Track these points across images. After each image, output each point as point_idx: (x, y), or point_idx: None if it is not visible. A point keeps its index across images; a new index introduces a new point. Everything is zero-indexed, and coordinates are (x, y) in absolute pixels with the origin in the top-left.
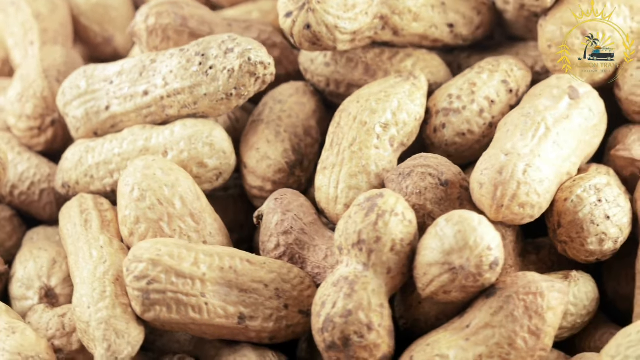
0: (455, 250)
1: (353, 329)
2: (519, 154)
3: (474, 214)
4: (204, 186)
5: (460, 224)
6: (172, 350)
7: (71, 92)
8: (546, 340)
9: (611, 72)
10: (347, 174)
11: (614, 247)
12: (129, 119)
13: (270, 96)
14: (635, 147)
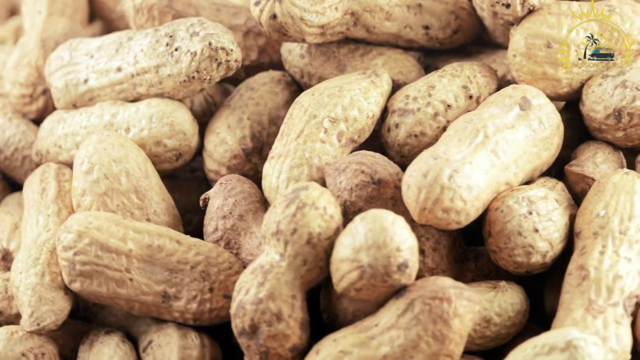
0: (364, 248)
1: (262, 318)
2: (447, 159)
3: (389, 213)
4: (163, 165)
5: (372, 223)
6: (109, 323)
7: (55, 63)
8: (451, 347)
9: (577, 87)
10: (289, 165)
11: (542, 261)
12: (105, 93)
13: (246, 83)
14: (588, 163)
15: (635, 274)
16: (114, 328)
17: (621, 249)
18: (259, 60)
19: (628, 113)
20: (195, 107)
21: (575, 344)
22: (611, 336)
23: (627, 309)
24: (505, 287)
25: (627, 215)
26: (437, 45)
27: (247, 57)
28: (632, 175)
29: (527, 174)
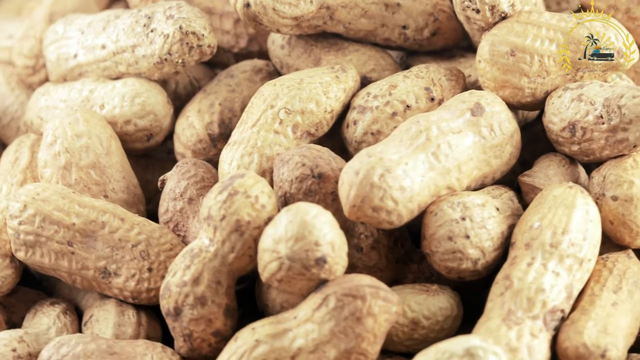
0: (283, 239)
1: (186, 301)
2: (381, 159)
3: (313, 207)
4: (135, 145)
5: (293, 215)
6: (63, 295)
7: (50, 36)
8: (364, 345)
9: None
10: (241, 153)
11: (473, 268)
12: (91, 70)
13: (228, 69)
14: (540, 175)
15: (562, 288)
16: (63, 300)
17: (550, 262)
18: (248, 49)
19: (581, 127)
20: (180, 89)
21: (472, 352)
22: (523, 348)
23: (547, 323)
24: (436, 290)
25: (562, 229)
26: (416, 47)
27: (237, 45)
28: (574, 190)
29: (474, 181)
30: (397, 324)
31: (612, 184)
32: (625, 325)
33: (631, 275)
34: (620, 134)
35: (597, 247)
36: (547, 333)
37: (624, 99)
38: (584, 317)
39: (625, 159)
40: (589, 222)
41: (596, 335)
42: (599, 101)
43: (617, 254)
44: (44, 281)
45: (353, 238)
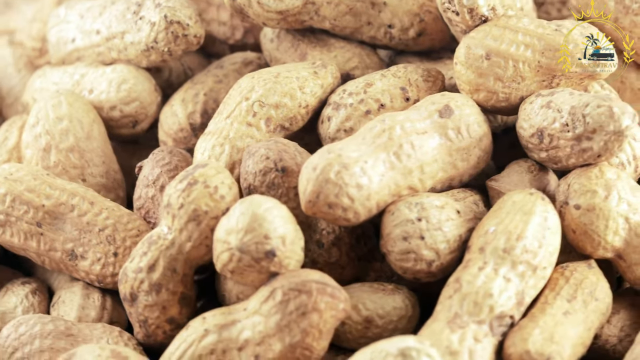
0: (234, 231)
1: (141, 287)
2: (340, 155)
3: (267, 200)
4: (121, 130)
5: (246, 207)
6: (38, 275)
7: (53, 19)
8: (308, 340)
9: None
10: (213, 143)
11: (428, 269)
12: (87, 54)
13: (219, 60)
14: (507, 180)
15: (512, 294)
16: (36, 280)
17: (502, 268)
18: (243, 41)
19: (548, 134)
20: (173, 78)
21: (406, 353)
22: (464, 352)
23: (494, 329)
24: (393, 290)
25: (517, 235)
26: (402, 47)
27: (232, 36)
28: (535, 197)
29: (439, 182)
30: (351, 322)
31: (576, 193)
32: (575, 334)
33: (588, 285)
34: (585, 143)
35: (554, 255)
36: (493, 338)
37: (588, 107)
38: (531, 324)
39: (591, 168)
40: (547, 229)
41: (541, 343)
42: (566, 109)
43: (578, 264)
44: (25, 261)
45: (315, 234)
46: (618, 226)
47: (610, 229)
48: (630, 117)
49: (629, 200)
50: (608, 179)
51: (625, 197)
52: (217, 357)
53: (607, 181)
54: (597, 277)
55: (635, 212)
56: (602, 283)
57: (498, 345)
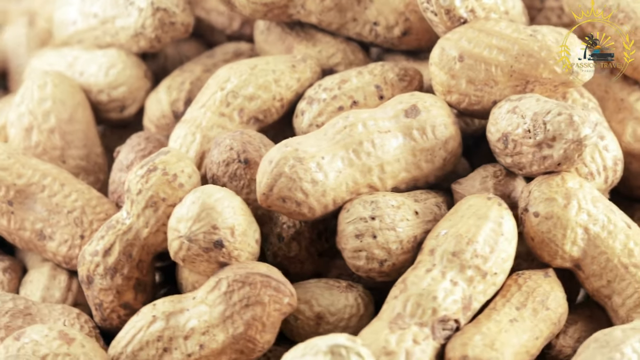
0: (184, 219)
1: (96, 270)
2: (297, 149)
3: (220, 190)
4: (110, 114)
5: (197, 196)
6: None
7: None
8: (251, 332)
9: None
10: (185, 132)
11: (379, 268)
12: (87, 37)
13: (212, 50)
14: (469, 184)
15: (458, 298)
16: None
17: (451, 271)
18: (240, 31)
19: (512, 139)
20: (168, 65)
21: (335, 350)
22: (401, 353)
23: (436, 332)
24: (347, 288)
25: (468, 239)
26: (388, 45)
27: (230, 27)
28: (492, 202)
29: (403, 182)
30: (303, 317)
31: (536, 200)
32: (519, 343)
33: (540, 294)
34: (546, 150)
35: (507, 262)
36: (434, 341)
37: (549, 115)
38: (473, 330)
39: (553, 176)
40: (500, 235)
41: (481, 349)
42: (529, 115)
43: (534, 272)
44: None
45: (276, 227)
46: (577, 236)
47: (568, 239)
48: (590, 127)
49: (590, 211)
50: (569, 188)
51: (586, 207)
52: (163, 345)
53: (567, 190)
54: (552, 287)
55: (596, 223)
56: (556, 293)
57: (441, 349)
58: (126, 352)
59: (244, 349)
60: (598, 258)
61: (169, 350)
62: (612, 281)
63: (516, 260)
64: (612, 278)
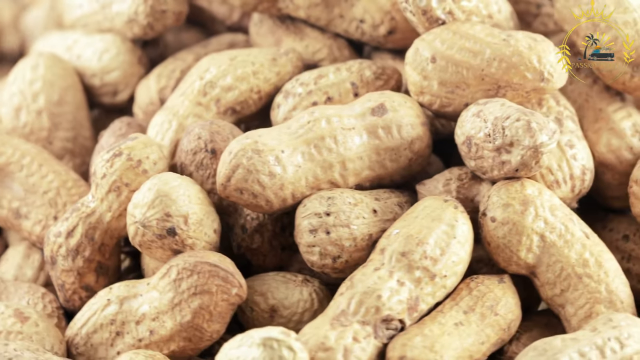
0: (140, 205)
1: (59, 251)
2: (257, 142)
3: (177, 178)
4: (102, 99)
5: (154, 183)
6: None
7: None
8: (197, 321)
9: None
10: (162, 119)
11: (332, 264)
12: (90, 21)
13: (208, 40)
14: (432, 185)
15: (403, 299)
16: None
17: (398, 271)
18: (240, 23)
19: (475, 143)
20: (167, 52)
21: (266, 343)
22: (339, 350)
23: (378, 331)
24: (302, 282)
25: (418, 240)
26: (375, 43)
27: (230, 17)
28: (448, 204)
29: (367, 180)
30: (258, 309)
31: (494, 205)
32: (461, 346)
33: (490, 299)
34: (504, 156)
35: (459, 265)
36: (375, 340)
37: (508, 120)
38: (416, 331)
39: (514, 182)
40: (453, 238)
41: (420, 351)
42: (490, 119)
43: (488, 277)
44: None
45: (240, 218)
46: (532, 243)
47: (523, 245)
48: (547, 134)
49: (547, 219)
50: (527, 194)
51: (543, 214)
52: (116, 328)
53: (525, 196)
54: (504, 293)
55: (552, 231)
56: (507, 299)
57: (383, 348)
58: (81, 333)
59: (192, 337)
60: (553, 266)
61: (121, 334)
62: (565, 290)
63: (478, 265)
64: (566, 287)
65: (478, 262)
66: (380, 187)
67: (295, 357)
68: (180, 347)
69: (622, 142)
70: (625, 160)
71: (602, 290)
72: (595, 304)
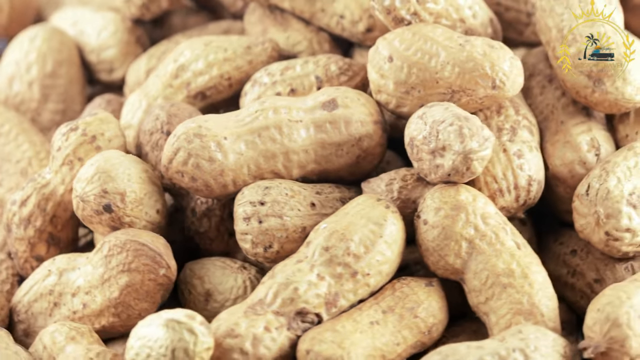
0: (81, 179)
1: (13, 219)
2: (200, 126)
3: (120, 155)
4: (100, 75)
5: (97, 159)
6: None
7: None
8: (125, 298)
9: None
10: (135, 98)
11: (264, 254)
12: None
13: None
14: (375, 183)
15: (321, 293)
16: None
17: (319, 265)
18: (242, 11)
19: (415, 145)
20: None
21: (169, 324)
22: (247, 337)
23: (292, 322)
24: (238, 269)
25: (343, 235)
26: (355, 39)
27: (233, 5)
28: (380, 203)
29: (311, 173)
30: (195, 292)
31: (427, 208)
32: (372, 345)
33: (412, 301)
34: (438, 159)
35: (384, 265)
36: (288, 332)
37: (443, 124)
38: (328, 326)
39: (450, 186)
40: (379, 237)
41: (327, 346)
42: (429, 122)
43: (416, 279)
44: None
45: (192, 201)
46: (461, 249)
47: (452, 250)
48: (478, 141)
49: (477, 225)
50: (460, 200)
51: (474, 221)
52: (54, 299)
53: (458, 201)
54: (428, 296)
55: (482, 239)
56: (431, 302)
57: (296, 340)
58: (23, 301)
59: (121, 314)
60: (479, 274)
61: (58, 305)
62: (490, 299)
63: (416, 267)
64: (490, 296)
65: (416, 264)
66: (328, 181)
67: (196, 341)
68: (110, 323)
69: (576, 156)
70: (577, 174)
71: (524, 302)
72: (515, 314)
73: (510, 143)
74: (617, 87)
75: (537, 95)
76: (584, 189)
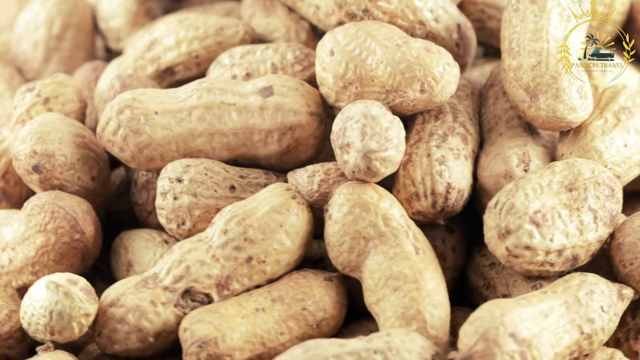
0: (19, 138)
1: None
2: (134, 99)
3: (58, 119)
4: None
5: (35, 120)
6: None
7: None
8: (41, 258)
9: None
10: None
11: (177, 230)
12: None
13: (212, 5)
14: (299, 175)
15: (213, 274)
16: None
17: (216, 247)
18: None
19: (332, 140)
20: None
21: (48, 285)
22: (132, 309)
23: (180, 299)
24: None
25: (240, 219)
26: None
27: None
28: (288, 193)
29: (240, 157)
30: (119, 262)
31: (333, 203)
32: (254, 332)
33: (303, 293)
34: (345, 156)
35: (282, 254)
36: (175, 308)
37: (350, 121)
38: (211, 307)
39: (360, 184)
40: (280, 226)
41: (205, 327)
42: (343, 118)
43: (316, 272)
44: None
45: (135, 173)
46: (359, 247)
47: (350, 247)
48: (378, 141)
49: (378, 226)
50: (364, 199)
51: (375, 221)
52: None
53: (362, 200)
54: (322, 290)
55: (381, 240)
56: (323, 297)
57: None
58: None
59: (38, 274)
60: (374, 274)
61: None
62: (380, 300)
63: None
64: (381, 297)
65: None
66: (259, 167)
67: (72, 305)
68: (30, 281)
69: (503, 168)
70: (502, 187)
71: (409, 307)
72: (399, 318)
73: (437, 149)
74: (548, 104)
75: (490, 105)
76: (494, 201)
